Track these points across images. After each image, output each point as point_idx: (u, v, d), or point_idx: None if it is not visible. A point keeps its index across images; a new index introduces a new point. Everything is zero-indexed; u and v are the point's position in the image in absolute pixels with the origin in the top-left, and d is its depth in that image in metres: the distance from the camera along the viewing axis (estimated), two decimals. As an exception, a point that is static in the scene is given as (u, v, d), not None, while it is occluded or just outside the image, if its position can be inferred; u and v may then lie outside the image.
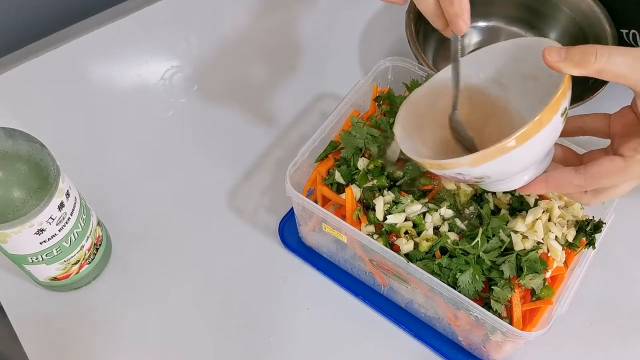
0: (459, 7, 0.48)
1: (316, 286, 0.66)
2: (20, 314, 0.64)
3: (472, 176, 0.48)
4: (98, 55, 0.85)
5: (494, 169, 0.47)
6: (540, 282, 0.54)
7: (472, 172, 0.47)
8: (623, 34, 0.78)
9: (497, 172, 0.48)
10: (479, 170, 0.47)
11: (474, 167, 0.46)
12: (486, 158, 0.46)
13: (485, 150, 0.45)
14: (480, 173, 0.47)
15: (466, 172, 0.48)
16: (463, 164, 0.47)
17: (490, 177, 0.49)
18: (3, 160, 0.50)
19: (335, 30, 0.89)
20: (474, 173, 0.47)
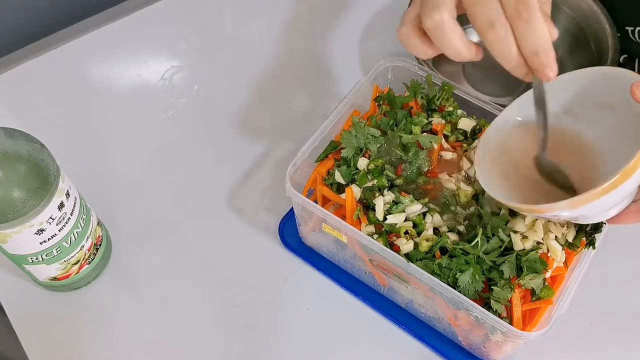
0: (546, 58, 0.44)
1: (316, 286, 0.66)
2: (20, 314, 0.64)
3: (567, 216, 0.49)
4: (98, 55, 0.85)
5: (592, 209, 0.47)
6: (540, 282, 0.54)
7: (569, 213, 0.48)
8: (628, 31, 0.77)
9: (594, 211, 0.48)
10: (577, 212, 0.47)
11: (573, 209, 0.47)
12: (587, 201, 0.46)
13: (586, 193, 0.45)
14: (577, 214, 0.48)
15: (563, 214, 0.48)
16: (562, 208, 0.47)
17: (586, 217, 0.49)
18: (3, 160, 0.50)
19: (336, 30, 0.89)
20: (572, 214, 0.48)
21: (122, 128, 0.78)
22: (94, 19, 0.91)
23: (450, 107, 0.66)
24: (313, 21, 0.89)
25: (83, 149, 0.75)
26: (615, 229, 0.58)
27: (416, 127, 0.63)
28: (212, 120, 0.79)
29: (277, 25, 0.89)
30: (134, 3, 0.92)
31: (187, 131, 0.78)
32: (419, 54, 0.51)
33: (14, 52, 0.88)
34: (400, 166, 0.61)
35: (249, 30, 0.89)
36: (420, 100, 0.66)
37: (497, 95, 0.81)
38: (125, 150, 0.76)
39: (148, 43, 0.87)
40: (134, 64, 0.84)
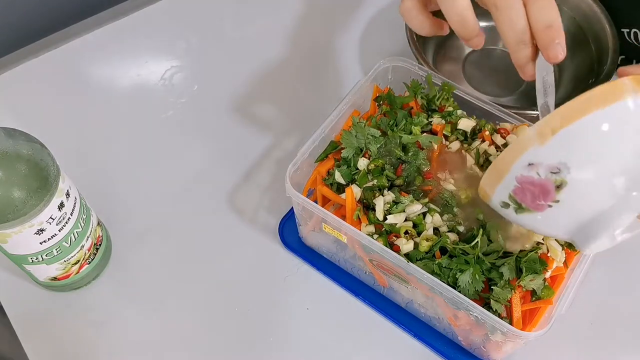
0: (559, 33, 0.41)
1: (316, 286, 0.66)
2: (20, 314, 0.64)
3: (546, 166, 0.40)
4: (98, 55, 0.85)
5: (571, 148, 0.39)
6: (540, 282, 0.54)
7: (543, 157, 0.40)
8: (624, 33, 0.78)
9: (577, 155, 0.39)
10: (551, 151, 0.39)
11: (542, 143, 0.39)
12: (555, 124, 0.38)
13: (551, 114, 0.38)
14: (555, 157, 0.40)
15: (537, 158, 0.40)
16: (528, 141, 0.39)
17: (569, 168, 0.40)
18: (3, 160, 0.50)
19: (336, 30, 0.89)
20: (547, 158, 0.40)
21: (122, 128, 0.78)
22: (94, 19, 0.92)
23: (450, 107, 0.66)
24: (313, 21, 0.89)
25: (83, 149, 0.75)
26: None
27: (416, 128, 0.63)
28: (212, 120, 0.79)
29: (276, 25, 0.89)
30: (134, 3, 0.92)
31: (187, 131, 0.78)
32: (417, 28, 0.48)
33: (14, 52, 0.88)
34: (400, 166, 0.61)
35: (249, 30, 0.89)
36: (420, 100, 0.66)
37: (497, 95, 0.81)
38: (125, 150, 0.76)
39: (148, 43, 0.87)
40: (134, 64, 0.84)
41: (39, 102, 0.80)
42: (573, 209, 0.43)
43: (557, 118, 0.39)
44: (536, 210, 0.44)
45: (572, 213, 0.43)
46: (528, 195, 0.43)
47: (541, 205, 0.43)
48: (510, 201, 0.45)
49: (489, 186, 0.46)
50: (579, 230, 0.44)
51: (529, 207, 0.45)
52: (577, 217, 0.43)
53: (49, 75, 0.83)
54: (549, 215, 0.44)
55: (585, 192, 0.42)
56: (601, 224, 0.42)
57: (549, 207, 0.43)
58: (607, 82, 0.39)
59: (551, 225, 0.45)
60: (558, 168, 0.40)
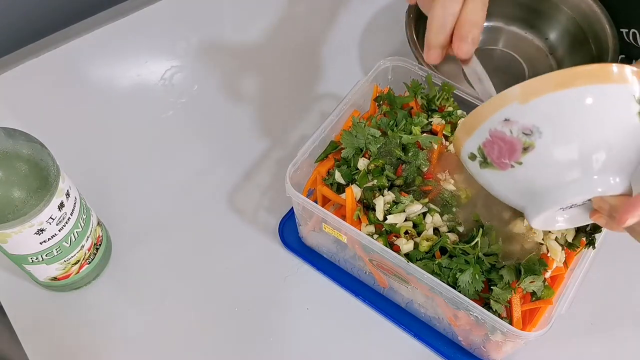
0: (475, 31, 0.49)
1: (316, 286, 0.66)
2: (20, 314, 0.64)
3: (520, 126, 0.40)
4: (98, 55, 0.85)
5: (549, 114, 0.39)
6: (540, 284, 0.54)
7: (520, 116, 0.40)
8: (623, 33, 0.78)
9: (552, 123, 0.40)
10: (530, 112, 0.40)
11: (524, 102, 0.39)
12: (542, 88, 0.39)
13: (542, 76, 0.39)
14: (531, 118, 0.40)
15: (514, 115, 0.40)
16: (512, 96, 0.40)
17: (541, 133, 0.40)
18: (3, 160, 0.50)
19: (335, 30, 0.89)
20: (523, 117, 0.40)
21: (122, 128, 0.78)
22: (94, 19, 0.92)
23: (450, 107, 0.66)
24: (313, 21, 0.89)
25: (83, 149, 0.75)
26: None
27: (416, 128, 0.63)
28: (212, 120, 0.79)
29: (276, 25, 0.89)
30: (134, 3, 0.92)
31: (187, 131, 0.78)
32: None
33: (14, 52, 0.88)
34: (400, 166, 0.61)
35: (249, 30, 0.89)
36: (420, 100, 0.66)
37: (497, 95, 0.80)
38: (125, 150, 0.76)
39: (148, 43, 0.87)
40: (134, 64, 0.84)
41: (39, 102, 0.80)
42: (532, 174, 0.43)
43: (545, 82, 0.39)
44: (499, 167, 0.44)
45: (530, 178, 0.43)
46: (495, 151, 0.44)
47: (505, 164, 0.43)
48: (478, 153, 0.45)
49: (463, 133, 0.46)
50: (531, 198, 0.44)
51: (493, 162, 0.45)
52: (533, 184, 0.44)
53: (49, 75, 0.83)
54: (509, 175, 0.44)
55: (547, 162, 0.42)
56: (553, 197, 0.43)
57: (511, 167, 0.43)
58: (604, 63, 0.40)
59: (508, 186, 0.46)
60: (531, 130, 0.41)
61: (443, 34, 0.50)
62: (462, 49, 0.50)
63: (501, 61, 0.84)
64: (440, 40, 0.51)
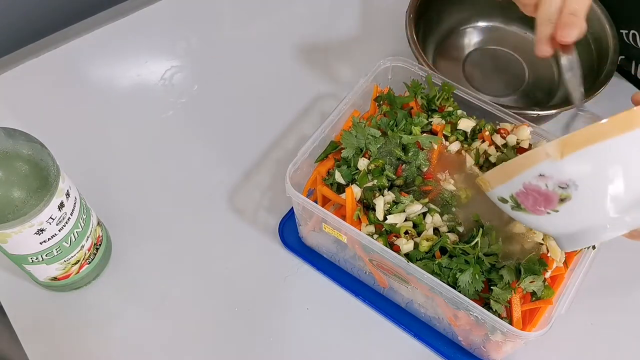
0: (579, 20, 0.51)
1: (316, 286, 0.66)
2: (20, 314, 0.64)
3: (556, 180, 0.42)
4: (98, 55, 0.85)
5: (583, 168, 0.40)
6: (540, 284, 0.54)
7: (556, 172, 0.41)
8: (623, 34, 0.78)
9: (587, 176, 0.41)
10: (565, 168, 0.40)
11: (559, 158, 0.40)
12: (576, 143, 0.39)
13: (573, 133, 0.39)
14: (567, 174, 0.41)
15: (549, 172, 0.42)
16: (545, 154, 0.41)
17: (577, 186, 0.41)
18: (3, 160, 0.50)
19: (335, 30, 0.89)
20: (559, 174, 0.41)
21: (122, 128, 0.78)
22: (94, 19, 0.92)
23: (450, 107, 0.66)
24: (313, 21, 0.89)
25: (83, 149, 0.75)
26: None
27: (416, 128, 0.63)
28: (212, 120, 0.79)
29: (276, 25, 0.89)
30: (134, 3, 0.92)
31: (187, 131, 0.78)
32: None
33: (14, 52, 0.88)
34: (400, 166, 0.61)
35: (249, 30, 0.89)
36: (420, 100, 0.66)
37: (497, 95, 0.81)
38: (125, 150, 0.76)
39: (148, 43, 0.87)
40: (134, 64, 0.84)
41: (39, 102, 0.80)
42: (569, 220, 0.45)
43: (578, 138, 0.40)
44: (534, 213, 0.46)
45: (566, 223, 0.46)
46: (530, 200, 0.45)
47: (540, 211, 0.45)
48: (510, 200, 0.47)
49: (492, 181, 0.48)
50: (566, 236, 0.47)
51: (527, 209, 0.47)
52: (569, 227, 0.46)
53: (49, 75, 0.83)
54: (544, 220, 0.47)
55: (584, 210, 0.44)
56: (588, 237, 0.45)
57: (547, 214, 0.45)
58: (629, 110, 0.41)
59: (542, 226, 0.48)
60: (567, 184, 0.42)
61: (550, 26, 0.53)
62: (563, 37, 0.52)
63: (501, 61, 0.84)
64: (547, 34, 0.54)
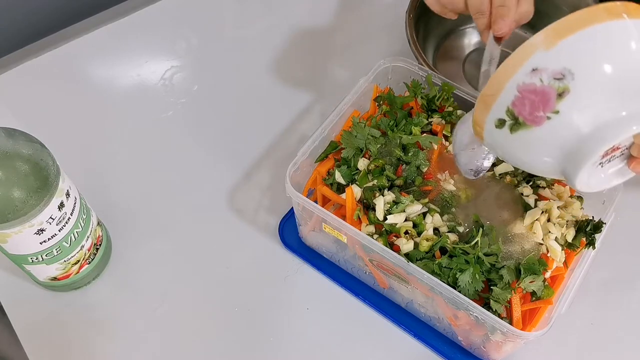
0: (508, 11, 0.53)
1: (316, 286, 0.66)
2: (20, 314, 0.64)
3: (550, 72, 0.39)
4: (98, 55, 0.85)
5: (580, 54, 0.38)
6: (540, 284, 0.54)
7: (548, 61, 0.39)
8: None
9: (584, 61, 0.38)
10: (560, 55, 0.38)
11: (549, 48, 0.38)
12: (567, 29, 0.38)
13: (563, 18, 0.38)
14: (562, 62, 0.38)
15: (542, 63, 0.39)
16: (534, 45, 0.39)
17: (574, 74, 0.38)
18: (3, 160, 0.50)
19: (335, 30, 0.89)
20: (554, 63, 0.39)
21: (122, 128, 0.78)
22: (94, 19, 0.92)
23: (450, 107, 0.66)
24: (313, 21, 0.89)
25: (83, 149, 0.75)
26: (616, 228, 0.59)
27: (416, 128, 0.63)
28: (212, 120, 0.79)
29: (276, 25, 0.89)
30: (134, 3, 0.92)
31: (187, 131, 0.78)
32: None
33: (14, 52, 0.88)
34: (400, 167, 0.61)
35: (249, 30, 0.89)
36: (420, 100, 0.66)
37: (497, 95, 0.80)
38: (125, 150, 0.76)
39: (148, 43, 0.87)
40: (134, 64, 0.84)
41: (39, 102, 0.80)
42: (570, 122, 0.41)
43: (566, 24, 0.39)
44: (533, 123, 0.42)
45: (567, 127, 0.42)
46: (527, 106, 0.42)
47: (540, 118, 0.42)
48: (507, 116, 0.43)
49: (487, 101, 0.44)
50: (570, 153, 0.42)
51: (526, 120, 0.42)
52: (571, 134, 0.42)
53: (49, 75, 0.83)
54: (545, 130, 0.42)
55: (584, 104, 0.40)
56: (593, 142, 0.41)
57: (547, 119, 0.41)
58: None
59: (544, 144, 0.43)
60: (562, 74, 0.39)
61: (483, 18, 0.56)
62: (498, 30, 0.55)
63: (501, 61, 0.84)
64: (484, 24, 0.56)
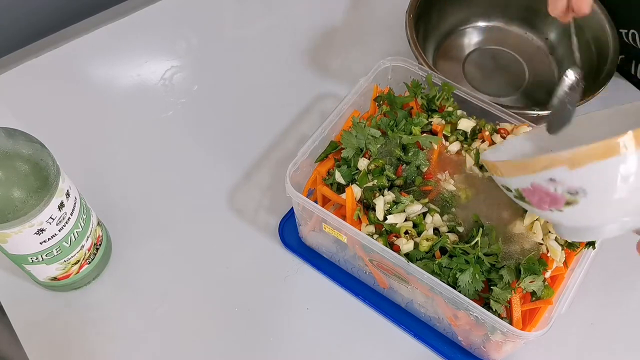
0: None
1: (316, 286, 0.66)
2: (20, 314, 0.64)
3: (566, 187, 0.43)
4: (98, 55, 0.85)
5: (596, 179, 0.42)
6: (540, 284, 0.54)
7: (568, 179, 0.42)
8: (622, 33, 0.78)
9: (598, 186, 0.42)
10: (578, 177, 0.42)
11: (573, 168, 0.41)
12: (591, 155, 0.40)
13: (591, 145, 0.40)
14: (578, 182, 0.42)
15: (561, 178, 0.43)
16: (560, 162, 0.42)
17: (587, 193, 0.43)
18: (3, 160, 0.50)
19: (336, 30, 0.89)
20: (571, 181, 0.42)
21: (122, 128, 0.78)
22: (94, 19, 0.92)
23: (450, 107, 0.66)
24: (313, 21, 0.89)
25: (83, 149, 0.75)
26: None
27: (416, 128, 0.63)
28: (212, 120, 0.79)
29: (276, 25, 0.89)
30: (134, 3, 0.92)
31: (187, 131, 0.78)
32: None
33: (14, 52, 0.88)
34: (400, 166, 0.61)
35: (249, 30, 0.89)
36: (420, 100, 0.66)
37: (497, 95, 0.81)
38: (125, 150, 0.76)
39: (148, 43, 0.87)
40: (134, 64, 0.84)
41: (39, 102, 0.80)
42: (571, 219, 0.46)
43: (594, 151, 0.41)
44: (537, 208, 0.47)
45: (568, 220, 0.47)
46: (536, 198, 0.46)
47: (544, 208, 0.46)
48: (516, 193, 0.48)
49: (502, 170, 0.47)
50: (567, 228, 0.48)
51: (532, 204, 0.47)
52: (571, 223, 0.47)
53: (49, 75, 0.83)
54: (546, 215, 0.48)
55: (587, 216, 0.46)
56: (590, 233, 0.47)
57: (549, 211, 0.46)
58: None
59: (543, 216, 0.49)
60: (577, 191, 0.43)
61: None
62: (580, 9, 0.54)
63: (501, 61, 0.84)
64: None
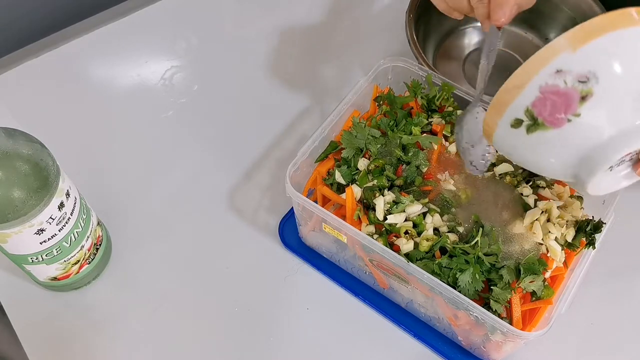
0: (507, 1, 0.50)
1: (316, 286, 0.66)
2: (20, 314, 0.64)
3: (575, 74, 0.38)
4: (98, 55, 0.85)
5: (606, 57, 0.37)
6: (540, 284, 0.54)
7: (574, 63, 0.38)
8: None
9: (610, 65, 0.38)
10: (586, 57, 0.37)
11: (575, 49, 0.37)
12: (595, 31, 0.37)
13: (592, 20, 0.37)
14: (588, 64, 0.38)
15: (567, 65, 0.38)
16: (561, 46, 0.38)
17: (598, 78, 0.38)
18: (3, 160, 0.50)
19: (336, 30, 0.89)
20: (580, 66, 0.38)
21: (122, 128, 0.78)
22: (94, 19, 0.92)
23: (450, 107, 0.66)
24: (313, 21, 0.89)
25: (83, 149, 0.75)
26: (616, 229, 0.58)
27: (416, 128, 0.63)
28: (212, 120, 0.79)
29: (276, 25, 0.89)
30: (134, 3, 0.92)
31: (187, 131, 0.78)
32: None
33: (14, 52, 0.88)
34: (400, 167, 0.61)
35: (249, 30, 0.89)
36: (420, 100, 0.66)
37: (497, 95, 0.81)
38: (125, 150, 0.76)
39: (148, 43, 0.87)
40: (134, 64, 0.84)
41: (39, 102, 0.80)
42: (592, 125, 0.40)
43: (594, 26, 0.38)
44: (553, 125, 0.41)
45: (589, 131, 0.41)
46: (548, 107, 0.41)
47: (560, 120, 0.40)
48: (526, 116, 0.42)
49: (503, 100, 0.43)
50: (585, 157, 0.42)
51: (545, 121, 0.41)
52: (589, 138, 0.41)
53: (49, 75, 0.83)
54: (564, 133, 0.41)
55: (607, 108, 0.40)
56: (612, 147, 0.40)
57: (567, 122, 0.40)
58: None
59: (560, 147, 0.42)
60: (587, 77, 0.39)
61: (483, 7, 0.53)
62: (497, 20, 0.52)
63: (501, 61, 0.84)
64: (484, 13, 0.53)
